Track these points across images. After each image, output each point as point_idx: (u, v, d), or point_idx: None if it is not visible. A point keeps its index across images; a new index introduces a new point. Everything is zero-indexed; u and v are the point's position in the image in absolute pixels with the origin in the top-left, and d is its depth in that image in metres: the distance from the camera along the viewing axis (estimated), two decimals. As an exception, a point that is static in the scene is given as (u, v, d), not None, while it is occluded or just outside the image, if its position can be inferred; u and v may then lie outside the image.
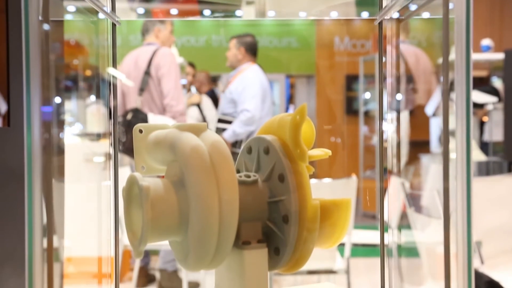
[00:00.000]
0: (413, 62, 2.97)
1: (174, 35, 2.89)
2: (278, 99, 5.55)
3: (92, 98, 3.12)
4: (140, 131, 0.59)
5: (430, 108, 3.07)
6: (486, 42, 4.22)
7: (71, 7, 0.88)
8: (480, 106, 3.95)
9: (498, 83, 4.20)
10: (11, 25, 0.85)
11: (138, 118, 2.48)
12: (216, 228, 0.49)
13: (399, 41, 0.73)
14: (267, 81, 2.90)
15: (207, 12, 0.81)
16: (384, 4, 0.72)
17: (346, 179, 2.16)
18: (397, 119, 0.77)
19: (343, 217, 0.56)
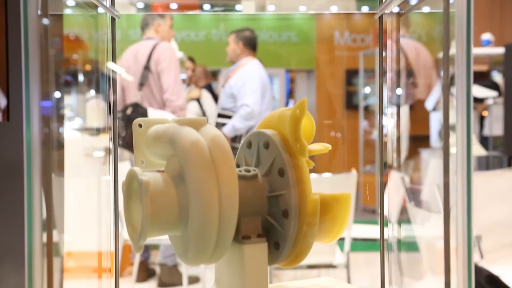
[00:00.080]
0: (413, 56, 2.96)
1: (173, 30, 2.88)
2: (278, 94, 5.54)
3: (92, 92, 3.11)
4: (140, 126, 0.59)
5: (430, 103, 3.07)
6: (486, 37, 4.21)
7: (71, 2, 0.88)
8: (480, 100, 3.95)
9: (498, 77, 4.20)
10: (10, 19, 0.85)
11: (138, 113, 2.48)
12: (216, 222, 0.49)
13: (399, 35, 0.73)
14: (267, 75, 2.89)
15: (207, 6, 0.81)
16: (384, -2, 0.71)
17: (346, 173, 2.16)
18: (397, 113, 0.77)
19: (343, 211, 0.56)
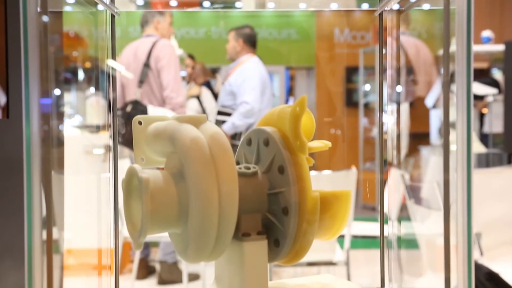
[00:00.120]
0: (413, 53, 2.96)
1: (173, 27, 2.88)
2: (278, 91, 5.54)
3: (92, 90, 3.11)
4: (140, 123, 0.59)
5: (430, 100, 3.06)
6: (486, 34, 4.21)
7: (70, -1, 0.88)
8: (480, 97, 3.95)
9: (499, 74, 4.20)
10: (9, 16, 0.85)
11: (138, 110, 2.48)
12: (215, 220, 0.49)
13: (399, 32, 0.73)
14: (267, 73, 2.89)
15: (207, 4, 0.81)
16: (384, -5, 0.71)
17: (346, 171, 2.16)
18: (397, 111, 0.77)
19: (343, 209, 0.56)
